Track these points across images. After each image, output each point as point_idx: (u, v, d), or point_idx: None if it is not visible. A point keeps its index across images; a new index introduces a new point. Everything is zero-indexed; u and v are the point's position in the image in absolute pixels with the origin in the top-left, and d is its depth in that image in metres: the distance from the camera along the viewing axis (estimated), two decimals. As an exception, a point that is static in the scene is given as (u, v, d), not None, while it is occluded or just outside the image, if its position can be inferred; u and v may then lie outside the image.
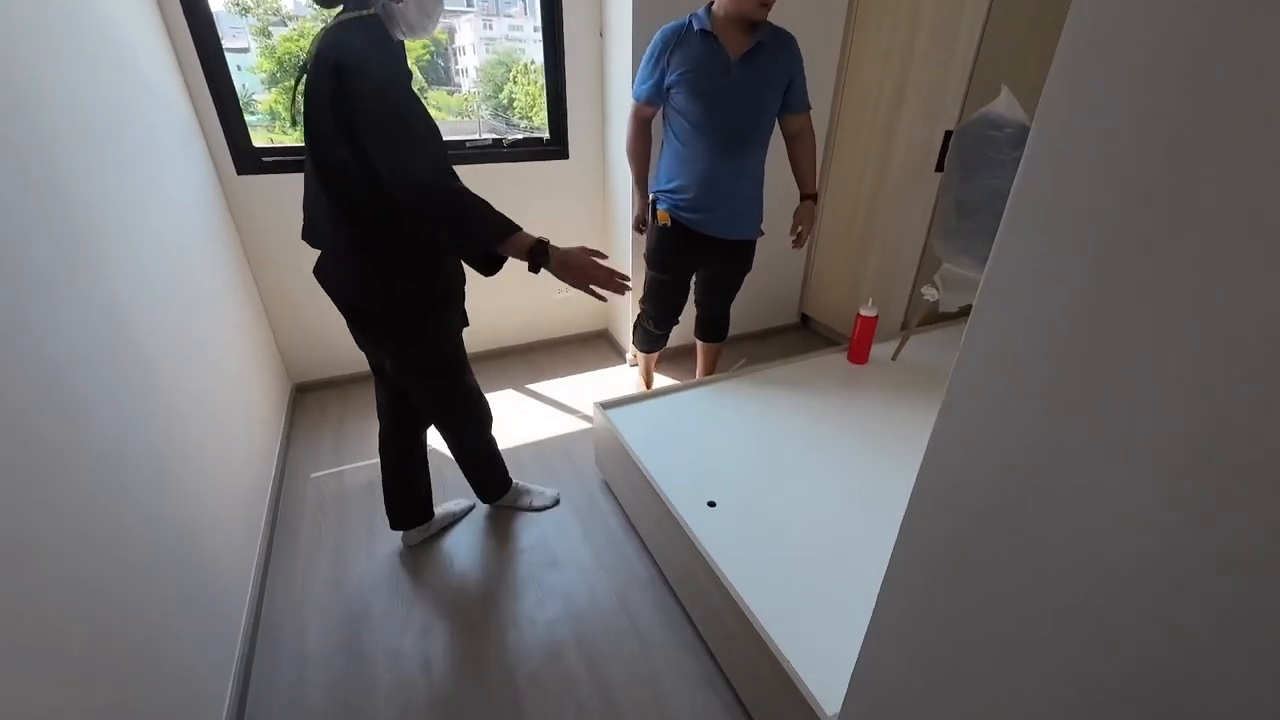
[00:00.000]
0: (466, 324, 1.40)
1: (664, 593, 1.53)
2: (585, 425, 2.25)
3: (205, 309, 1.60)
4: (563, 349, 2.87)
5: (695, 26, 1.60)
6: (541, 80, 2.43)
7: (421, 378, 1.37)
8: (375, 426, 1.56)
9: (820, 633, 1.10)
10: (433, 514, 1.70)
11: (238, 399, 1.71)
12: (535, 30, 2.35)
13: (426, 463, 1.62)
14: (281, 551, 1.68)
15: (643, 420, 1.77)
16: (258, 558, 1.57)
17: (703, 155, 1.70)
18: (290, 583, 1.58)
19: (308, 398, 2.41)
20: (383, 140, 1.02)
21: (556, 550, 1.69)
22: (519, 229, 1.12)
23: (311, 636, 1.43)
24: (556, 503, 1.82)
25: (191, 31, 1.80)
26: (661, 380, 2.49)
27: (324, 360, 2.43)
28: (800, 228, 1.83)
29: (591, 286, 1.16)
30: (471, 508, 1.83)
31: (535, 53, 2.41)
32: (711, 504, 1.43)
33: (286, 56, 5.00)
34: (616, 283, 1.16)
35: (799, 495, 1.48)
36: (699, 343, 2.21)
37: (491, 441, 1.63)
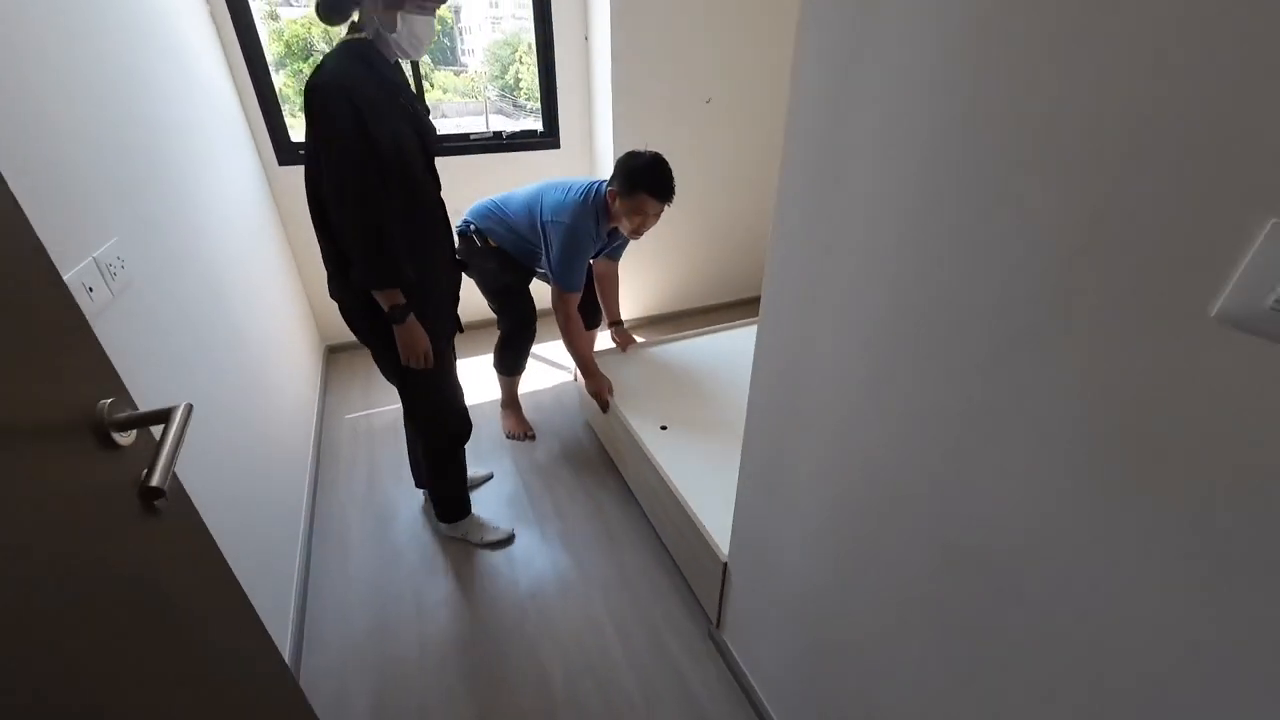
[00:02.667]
0: (453, 331, 1.50)
1: (627, 495, 1.94)
2: (570, 378, 2.64)
3: (259, 281, 2.00)
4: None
5: (604, 226, 1.87)
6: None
7: (394, 378, 1.48)
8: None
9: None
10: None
11: (286, 349, 2.12)
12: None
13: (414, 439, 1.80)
14: (327, 472, 2.10)
15: (615, 371, 2.15)
16: (309, 475, 1.99)
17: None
18: (335, 495, 2.00)
19: (338, 357, 2.82)
20: (327, 184, 1.16)
21: (546, 472, 2.09)
22: (395, 287, 1.26)
23: (353, 530, 1.85)
24: (511, 538, 1.80)
25: (239, 38, 2.17)
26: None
27: (351, 325, 2.84)
28: (629, 344, 2.31)
29: (407, 357, 1.36)
30: (489, 477, 2.07)
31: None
32: (663, 427, 1.82)
33: (294, 40, 5.31)
34: (418, 365, 1.38)
35: (729, 417, 1.86)
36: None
37: (452, 460, 1.66)
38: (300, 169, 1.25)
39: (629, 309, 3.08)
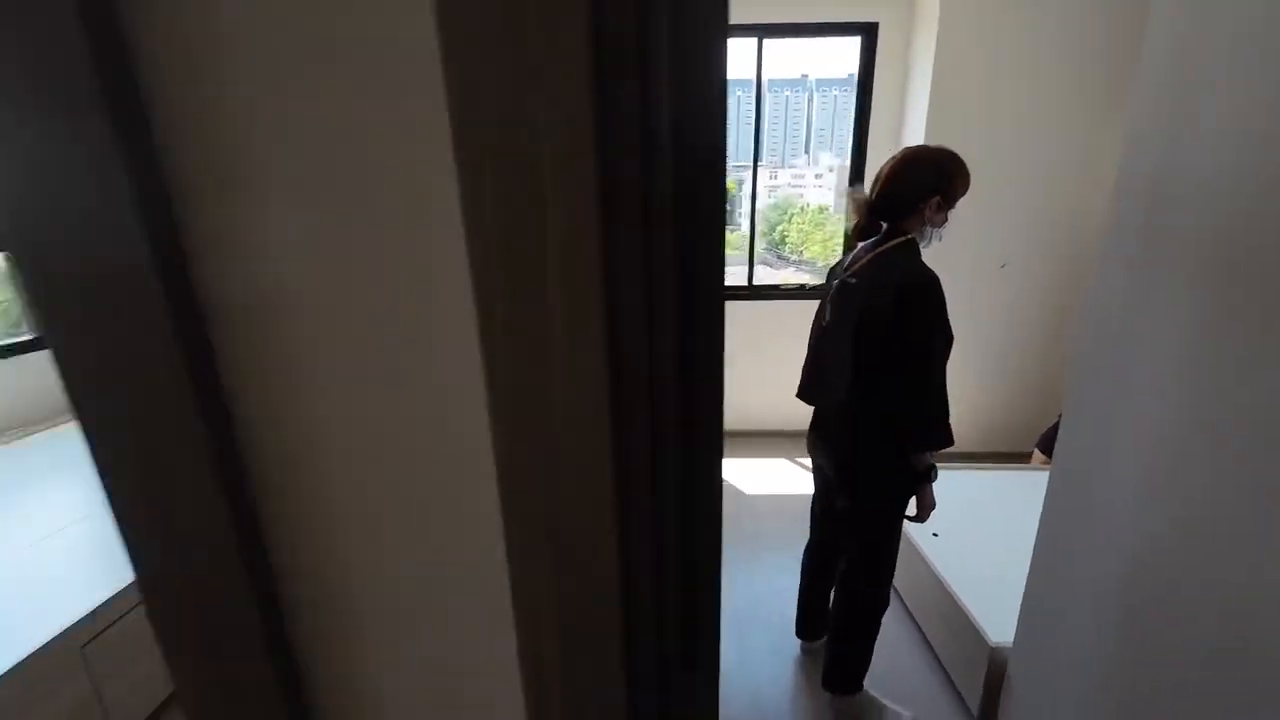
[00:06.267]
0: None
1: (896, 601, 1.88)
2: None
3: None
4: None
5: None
6: (817, 219, 3.17)
7: (860, 541, 1.45)
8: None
9: (999, 594, 1.39)
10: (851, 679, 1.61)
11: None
12: (816, 178, 3.13)
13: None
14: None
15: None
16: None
17: None
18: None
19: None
20: (909, 365, 1.25)
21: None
22: (931, 452, 1.31)
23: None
24: None
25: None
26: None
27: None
28: None
29: (926, 515, 1.40)
30: None
31: (813, 197, 3.19)
32: (935, 534, 1.78)
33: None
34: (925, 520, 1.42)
35: (998, 545, 1.75)
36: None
37: (871, 629, 1.53)
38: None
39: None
